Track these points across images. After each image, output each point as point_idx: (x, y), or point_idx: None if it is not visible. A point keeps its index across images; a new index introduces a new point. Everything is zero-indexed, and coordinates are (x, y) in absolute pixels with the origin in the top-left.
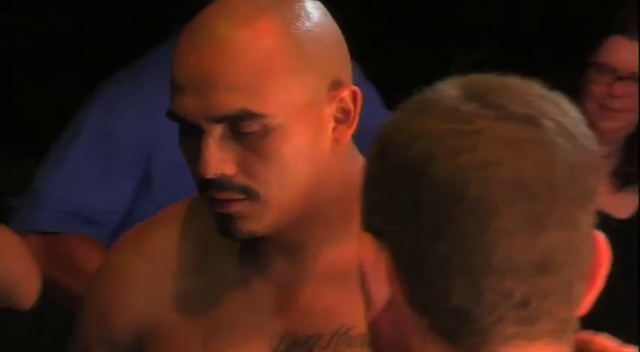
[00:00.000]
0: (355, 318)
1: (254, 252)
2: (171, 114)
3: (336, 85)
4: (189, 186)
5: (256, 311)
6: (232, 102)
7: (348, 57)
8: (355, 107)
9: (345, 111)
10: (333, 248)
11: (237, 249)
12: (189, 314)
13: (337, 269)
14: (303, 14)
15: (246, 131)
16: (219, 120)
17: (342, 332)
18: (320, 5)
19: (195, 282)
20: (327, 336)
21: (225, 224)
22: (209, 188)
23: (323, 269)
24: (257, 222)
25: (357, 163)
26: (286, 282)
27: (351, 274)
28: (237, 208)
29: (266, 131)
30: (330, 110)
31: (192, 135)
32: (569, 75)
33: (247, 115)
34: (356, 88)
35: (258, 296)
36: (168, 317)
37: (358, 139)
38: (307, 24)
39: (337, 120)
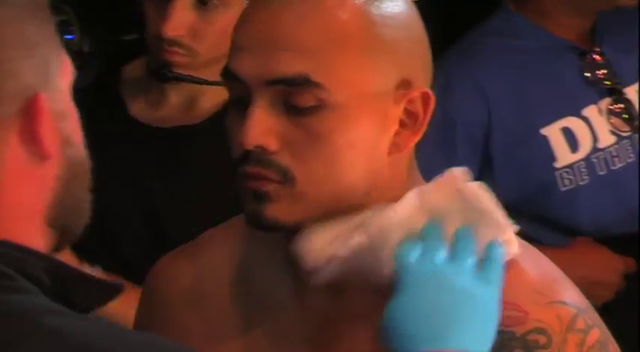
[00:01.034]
0: None
1: (295, 276)
2: (225, 72)
3: (407, 84)
4: (526, 163)
5: (289, 344)
6: (292, 64)
7: (429, 59)
8: (425, 112)
9: (413, 115)
10: (380, 286)
11: (278, 271)
12: (228, 335)
13: (382, 313)
14: (391, 2)
15: (299, 104)
16: (272, 82)
17: None
18: (411, 3)
19: (232, 307)
20: None
21: (255, 206)
22: (245, 162)
23: (370, 306)
24: (286, 210)
25: (417, 181)
26: (327, 318)
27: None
28: (269, 188)
29: (322, 108)
30: (397, 111)
31: (239, 103)
32: None
33: (304, 82)
34: (429, 92)
35: (293, 329)
36: (210, 336)
37: None
38: (391, 10)
39: (402, 124)
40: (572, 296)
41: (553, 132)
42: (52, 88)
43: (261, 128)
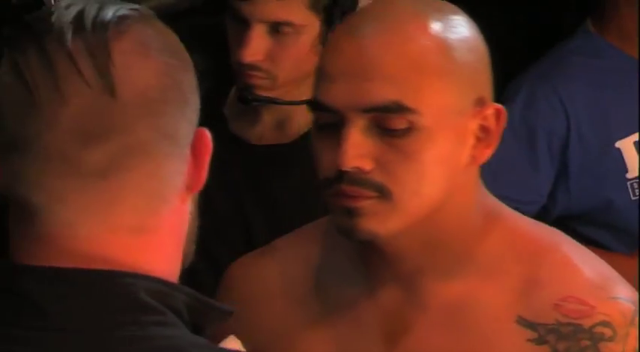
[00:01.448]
0: None
1: (367, 277)
2: (315, 104)
3: (481, 101)
4: (600, 174)
5: (364, 338)
6: (385, 93)
7: (491, 77)
8: (498, 127)
9: (487, 130)
10: (450, 280)
11: (350, 271)
12: (299, 338)
13: (454, 303)
14: (460, 26)
15: (391, 127)
16: (367, 110)
17: None
18: (474, 24)
19: (306, 306)
20: None
21: (347, 220)
22: (340, 182)
23: (439, 301)
24: (382, 222)
25: (482, 192)
26: (399, 311)
27: (467, 310)
28: (364, 204)
29: (411, 130)
30: (473, 126)
31: (330, 129)
32: None
33: (398, 108)
34: (501, 107)
35: (368, 323)
36: (280, 341)
37: None
38: (463, 36)
39: (477, 138)
40: (629, 293)
41: (626, 146)
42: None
43: (357, 151)
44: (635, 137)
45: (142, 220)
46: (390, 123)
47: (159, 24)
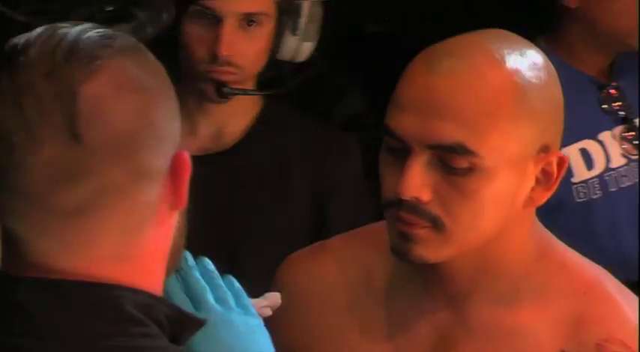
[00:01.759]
0: None
1: (424, 292)
2: (386, 129)
3: (546, 149)
4: None
5: (415, 350)
6: (452, 134)
7: (563, 124)
8: (559, 173)
9: (548, 175)
10: (499, 307)
11: (403, 283)
12: (353, 341)
13: (501, 329)
14: (537, 70)
15: (453, 165)
16: (432, 147)
17: None
18: (552, 67)
19: (364, 309)
20: None
21: (402, 243)
22: (399, 208)
23: (486, 325)
24: (433, 251)
25: (538, 229)
26: (449, 331)
27: (513, 336)
28: (419, 231)
29: (472, 170)
30: (535, 170)
31: (397, 153)
32: None
33: (462, 150)
34: (565, 156)
35: (417, 336)
36: (334, 341)
37: None
38: (540, 81)
39: (538, 181)
40: None
41: (572, 152)
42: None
43: (418, 182)
44: (580, 144)
45: (123, 250)
46: (453, 161)
47: (138, 54)
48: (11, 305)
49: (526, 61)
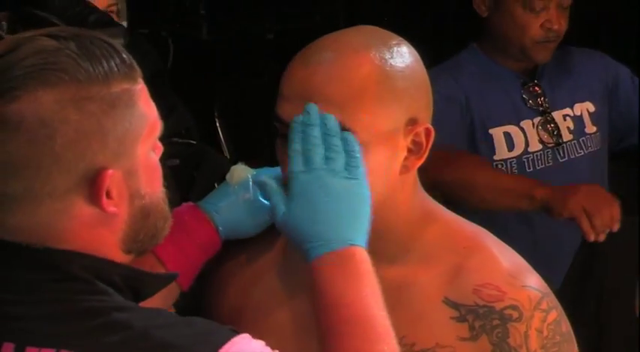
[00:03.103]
0: (406, 329)
1: None
2: (275, 117)
3: (413, 121)
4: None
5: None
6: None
7: (430, 97)
8: (427, 143)
9: (418, 145)
10: (391, 266)
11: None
12: (263, 308)
13: (395, 285)
14: (399, 56)
15: None
16: None
17: (402, 345)
18: (414, 51)
19: (270, 281)
20: None
21: None
22: None
23: (383, 283)
24: None
25: (421, 195)
26: None
27: (405, 290)
28: None
29: None
30: (405, 142)
31: (286, 138)
32: None
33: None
34: (430, 127)
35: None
36: (263, 307)
37: None
38: (401, 65)
39: (410, 151)
40: (538, 282)
41: (497, 134)
42: (124, 157)
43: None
44: (505, 128)
45: (47, 242)
46: None
47: (59, 77)
48: None
49: (388, 49)
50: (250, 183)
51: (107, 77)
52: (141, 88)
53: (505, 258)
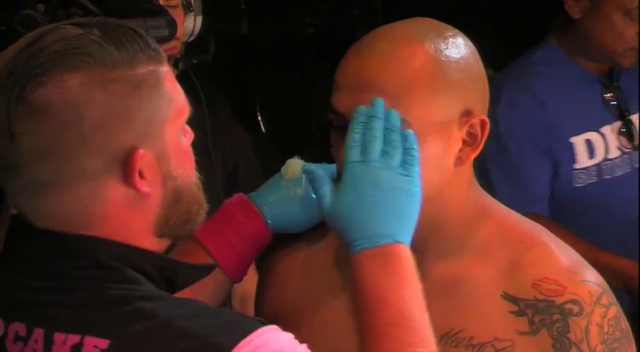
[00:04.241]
0: (463, 323)
1: None
2: (330, 108)
3: (468, 113)
4: (555, 164)
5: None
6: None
7: (487, 91)
8: (482, 134)
9: (473, 136)
10: (446, 260)
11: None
12: (320, 302)
13: (449, 280)
14: (454, 47)
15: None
16: None
17: (451, 335)
18: (470, 43)
19: (327, 275)
20: (438, 336)
21: None
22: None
23: (437, 278)
24: None
25: (476, 189)
26: None
27: (460, 285)
28: None
29: None
30: (460, 133)
31: (341, 130)
32: None
33: None
34: (486, 119)
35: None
36: (304, 306)
37: None
38: (456, 56)
39: (464, 143)
40: (597, 278)
41: (579, 142)
42: (153, 139)
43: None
44: (586, 135)
45: (79, 228)
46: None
47: (76, 73)
48: (12, 248)
49: (443, 40)
50: (303, 177)
51: (132, 59)
52: (166, 71)
53: (562, 253)
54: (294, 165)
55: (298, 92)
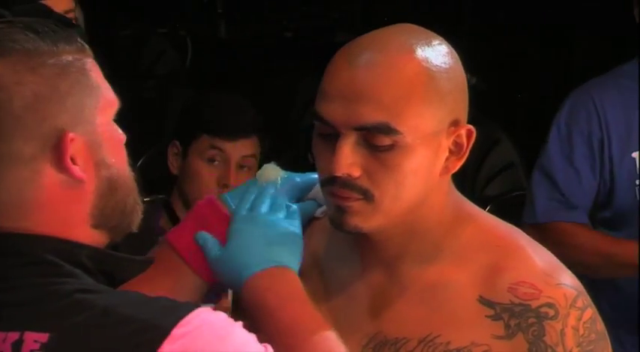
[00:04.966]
0: (440, 328)
1: (359, 260)
2: (317, 116)
3: (456, 123)
4: (618, 179)
5: (353, 311)
6: (375, 115)
7: (467, 100)
8: (468, 143)
9: (459, 146)
10: (425, 265)
11: (346, 254)
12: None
13: (427, 285)
14: (441, 56)
15: (377, 143)
16: (358, 128)
17: (428, 340)
18: (453, 51)
19: (310, 280)
20: (415, 341)
21: (338, 216)
22: (333, 184)
23: (415, 282)
24: (365, 220)
25: (454, 194)
26: (383, 290)
27: (438, 290)
28: (352, 204)
29: (394, 147)
30: (447, 143)
31: (328, 138)
32: None
33: (386, 129)
34: (472, 128)
35: (357, 298)
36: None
37: None
38: (444, 66)
39: (451, 152)
40: (572, 280)
41: None
42: (85, 123)
43: (349, 160)
44: None
45: (14, 216)
46: (377, 140)
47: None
48: None
49: (432, 49)
50: (278, 183)
51: (57, 46)
52: (92, 63)
53: (539, 256)
54: (270, 171)
55: (277, 96)
